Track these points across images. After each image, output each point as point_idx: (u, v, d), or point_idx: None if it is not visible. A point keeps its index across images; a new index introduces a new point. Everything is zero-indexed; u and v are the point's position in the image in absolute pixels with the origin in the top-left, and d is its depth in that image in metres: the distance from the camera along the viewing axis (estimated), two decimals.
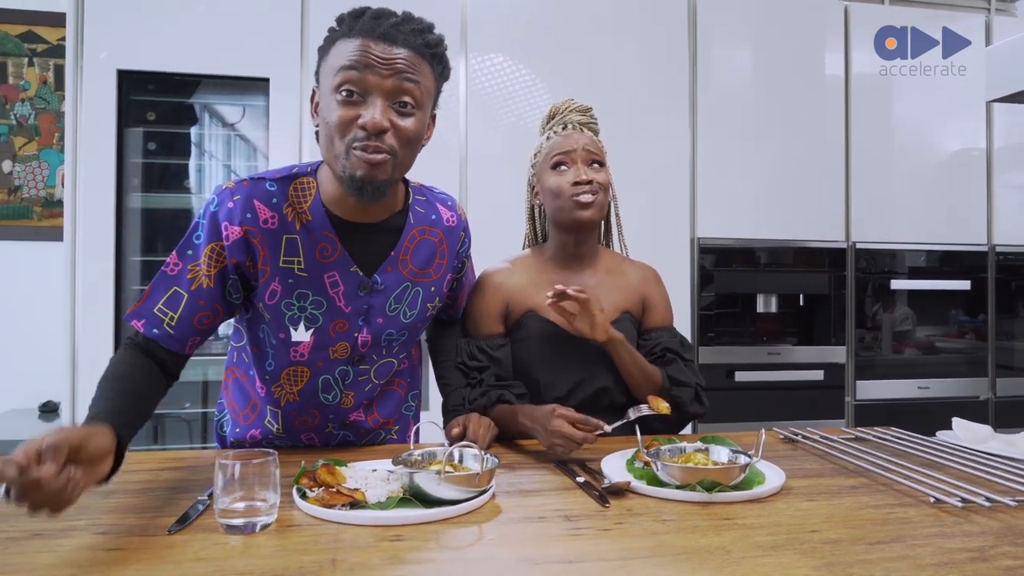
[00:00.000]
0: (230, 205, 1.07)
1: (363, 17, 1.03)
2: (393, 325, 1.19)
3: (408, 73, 1.02)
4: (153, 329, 1.07)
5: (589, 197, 1.36)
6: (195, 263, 1.09)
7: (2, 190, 2.66)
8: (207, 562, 0.73)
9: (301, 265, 1.10)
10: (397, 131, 1.03)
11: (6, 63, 2.67)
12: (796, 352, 2.60)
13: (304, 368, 1.16)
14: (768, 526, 0.86)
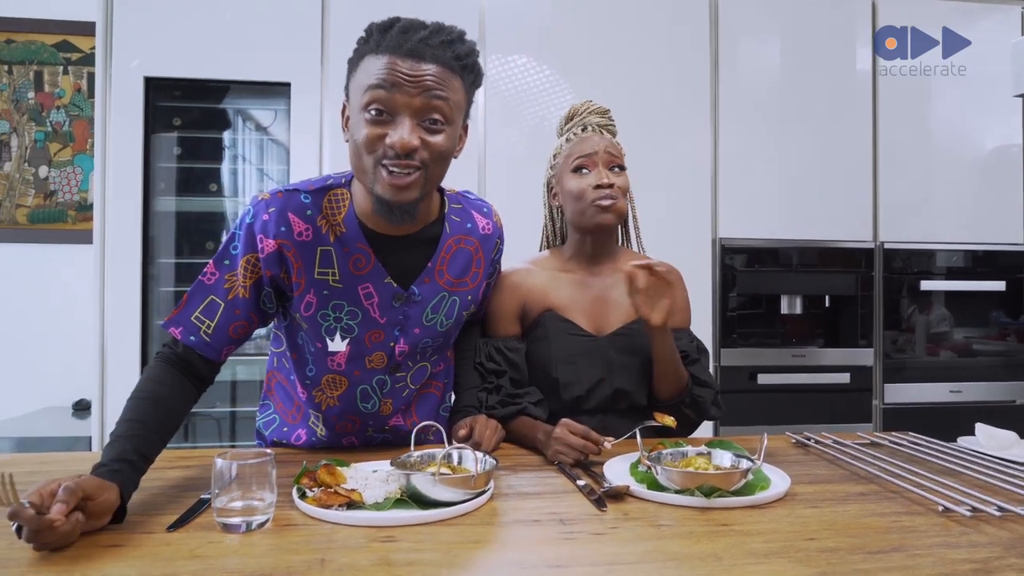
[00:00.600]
0: (265, 218, 1.08)
1: (391, 31, 1.01)
2: (429, 334, 1.20)
3: (436, 90, 1.00)
4: (190, 336, 1.08)
5: (610, 201, 1.36)
6: (232, 273, 1.10)
7: (38, 195, 2.75)
8: (200, 560, 0.75)
9: (336, 277, 1.11)
10: (427, 147, 1.01)
11: (42, 72, 2.76)
12: (821, 354, 2.55)
13: (342, 377, 1.18)
14: (765, 533, 0.84)
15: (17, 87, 2.75)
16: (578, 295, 1.44)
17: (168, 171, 2.34)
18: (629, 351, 1.39)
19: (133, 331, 2.21)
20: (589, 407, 1.38)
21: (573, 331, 1.40)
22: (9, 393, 2.66)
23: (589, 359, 1.38)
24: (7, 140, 2.74)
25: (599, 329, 1.42)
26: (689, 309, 1.52)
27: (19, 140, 2.75)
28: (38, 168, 2.75)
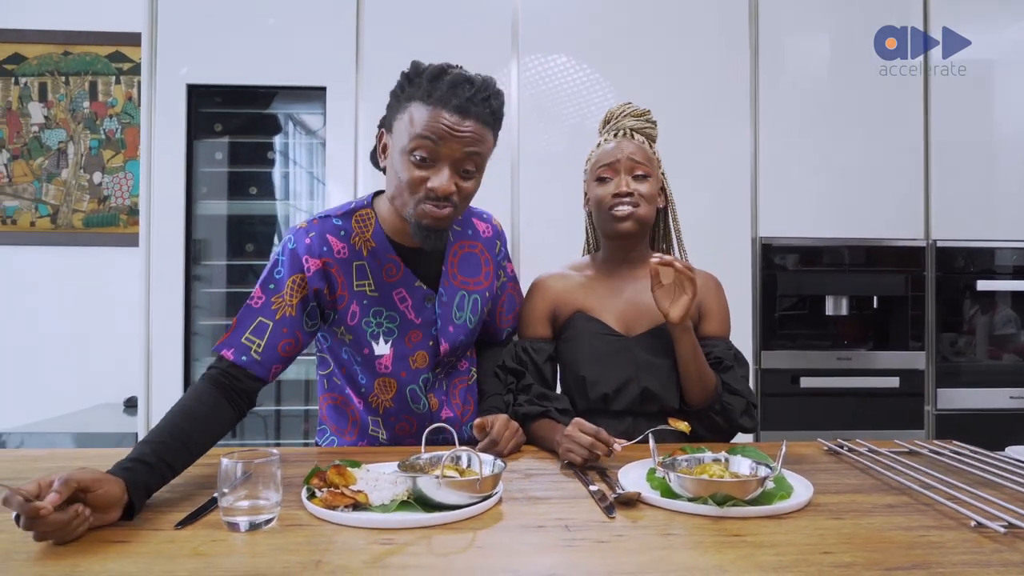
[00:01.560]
0: (307, 241, 1.20)
1: (440, 83, 1.12)
2: (463, 332, 1.32)
3: (474, 146, 1.13)
4: (242, 356, 1.14)
5: (625, 209, 1.36)
6: (279, 295, 1.18)
7: (92, 200, 2.86)
8: (200, 558, 0.76)
9: (372, 286, 1.23)
10: (460, 191, 1.15)
11: (96, 82, 2.88)
12: (869, 357, 2.45)
13: (391, 380, 1.27)
14: (779, 545, 0.80)
15: (73, 97, 2.87)
16: (609, 297, 1.43)
17: (210, 176, 2.40)
18: (659, 352, 1.37)
19: (176, 331, 2.28)
20: (618, 408, 1.37)
21: (602, 331, 1.40)
22: (67, 389, 2.78)
23: (617, 359, 1.37)
24: (64, 148, 2.87)
25: (629, 330, 1.40)
26: (728, 318, 1.48)
27: (75, 148, 2.87)
28: (92, 174, 2.87)
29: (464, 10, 2.37)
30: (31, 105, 2.86)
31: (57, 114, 2.86)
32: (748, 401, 1.39)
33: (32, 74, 2.86)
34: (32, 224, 2.85)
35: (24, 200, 2.85)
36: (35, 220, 2.85)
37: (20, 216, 2.85)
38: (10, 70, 2.85)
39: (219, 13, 2.31)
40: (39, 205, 2.85)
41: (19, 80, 2.85)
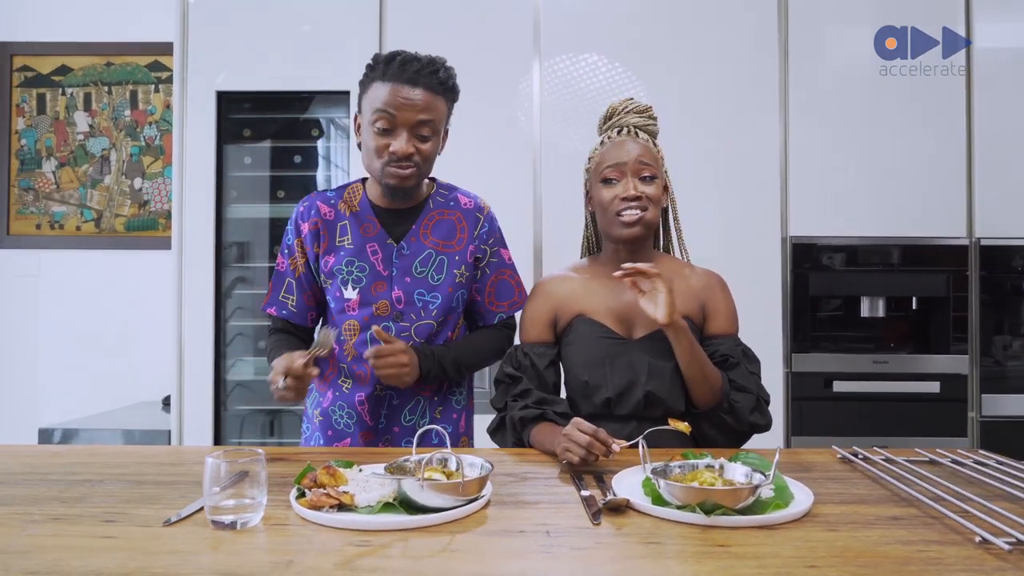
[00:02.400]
0: (301, 209, 1.45)
1: (393, 63, 1.32)
2: (421, 285, 1.42)
3: (426, 113, 1.32)
4: (282, 311, 1.45)
5: (635, 214, 1.34)
6: (292, 257, 1.45)
7: (133, 204, 2.97)
8: (177, 555, 0.77)
9: (350, 241, 1.41)
10: (419, 152, 1.34)
11: (137, 91, 2.98)
12: (908, 361, 2.35)
13: (355, 322, 1.41)
14: (763, 557, 0.77)
15: (115, 106, 2.98)
16: (611, 300, 1.40)
17: (239, 180, 2.46)
18: (662, 355, 1.34)
19: (207, 332, 2.35)
20: (622, 413, 1.34)
21: (604, 334, 1.37)
22: (110, 387, 2.89)
23: (619, 362, 1.34)
24: (107, 155, 2.98)
25: (631, 333, 1.38)
26: (734, 315, 1.43)
27: (117, 155, 2.98)
28: (133, 180, 2.97)
29: (485, 12, 2.37)
30: (76, 114, 2.98)
31: (100, 123, 2.98)
32: (758, 397, 1.35)
33: (77, 85, 2.98)
34: (78, 228, 2.97)
35: (70, 205, 2.97)
36: (80, 224, 2.97)
37: (67, 221, 2.97)
38: (57, 81, 2.98)
39: (247, 22, 2.37)
40: (84, 210, 2.97)
41: (65, 91, 2.98)
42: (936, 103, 2.36)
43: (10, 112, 2.98)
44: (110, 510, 0.93)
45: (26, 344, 2.96)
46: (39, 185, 2.98)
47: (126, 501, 0.97)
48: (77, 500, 0.98)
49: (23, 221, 2.97)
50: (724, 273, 2.24)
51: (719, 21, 2.37)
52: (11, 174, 2.98)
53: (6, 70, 2.97)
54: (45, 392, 2.93)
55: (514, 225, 2.31)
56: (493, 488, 1.02)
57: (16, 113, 2.98)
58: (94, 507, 0.94)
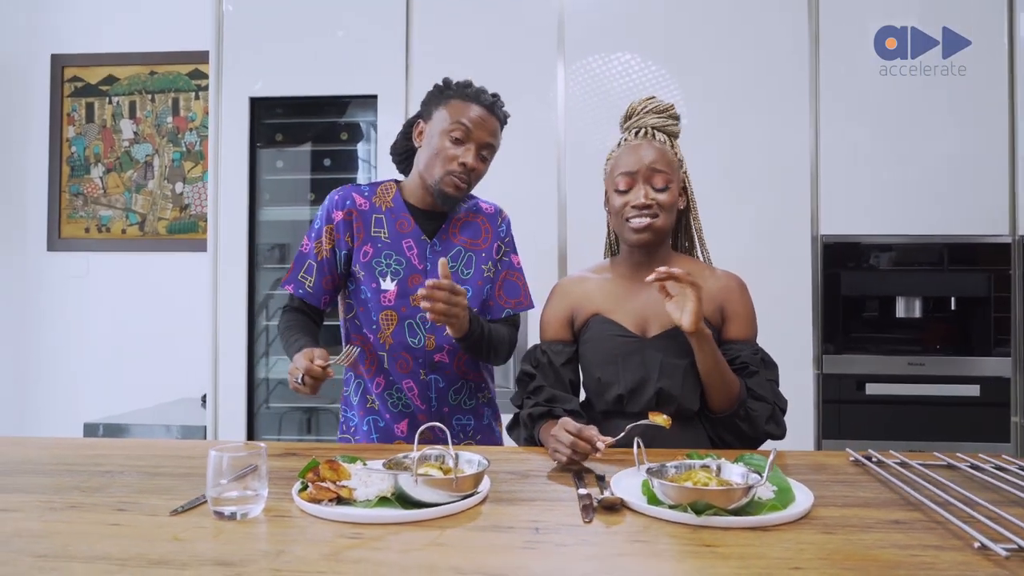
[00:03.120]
0: (336, 198, 1.51)
1: (471, 88, 1.46)
2: (454, 279, 1.47)
3: (493, 137, 1.46)
4: (299, 290, 1.50)
5: (644, 221, 1.35)
6: (318, 241, 1.50)
7: (175, 208, 3.08)
8: (177, 543, 0.81)
9: (386, 234, 1.49)
10: (477, 170, 1.46)
11: (178, 98, 3.09)
12: (946, 363, 2.27)
13: (392, 312, 1.47)
14: (748, 557, 0.77)
15: (158, 113, 3.10)
16: (627, 300, 1.41)
17: (271, 183, 2.53)
18: (676, 353, 1.33)
19: (240, 332, 2.42)
20: (633, 410, 1.34)
21: (618, 332, 1.37)
22: (153, 384, 3.00)
23: (631, 360, 1.34)
24: (151, 161, 3.10)
25: (645, 332, 1.38)
26: (753, 320, 1.42)
27: (160, 160, 3.09)
28: (175, 184, 3.08)
29: (510, 13, 2.39)
30: (122, 122, 3.11)
31: (144, 130, 3.10)
32: (775, 406, 1.34)
33: (123, 93, 3.11)
34: (123, 231, 3.10)
35: (116, 210, 3.10)
36: (126, 228, 3.10)
37: (113, 224, 3.10)
38: (105, 91, 3.11)
39: (278, 31, 2.44)
40: (129, 214, 3.10)
41: (112, 99, 3.11)
42: (976, 99, 2.27)
43: (61, 121, 3.13)
44: (124, 499, 0.97)
45: (75, 342, 3.10)
46: (88, 190, 3.11)
47: (140, 491, 1.02)
48: (95, 490, 1.03)
49: (73, 225, 3.12)
50: (753, 273, 2.22)
51: (748, 18, 2.33)
52: (62, 180, 3.12)
53: (58, 81, 3.12)
54: (91, 388, 3.06)
55: (539, 225, 2.34)
56: (492, 485, 1.03)
57: (67, 122, 3.13)
58: (109, 496, 0.99)
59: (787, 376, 2.24)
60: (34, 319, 3.12)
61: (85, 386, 3.07)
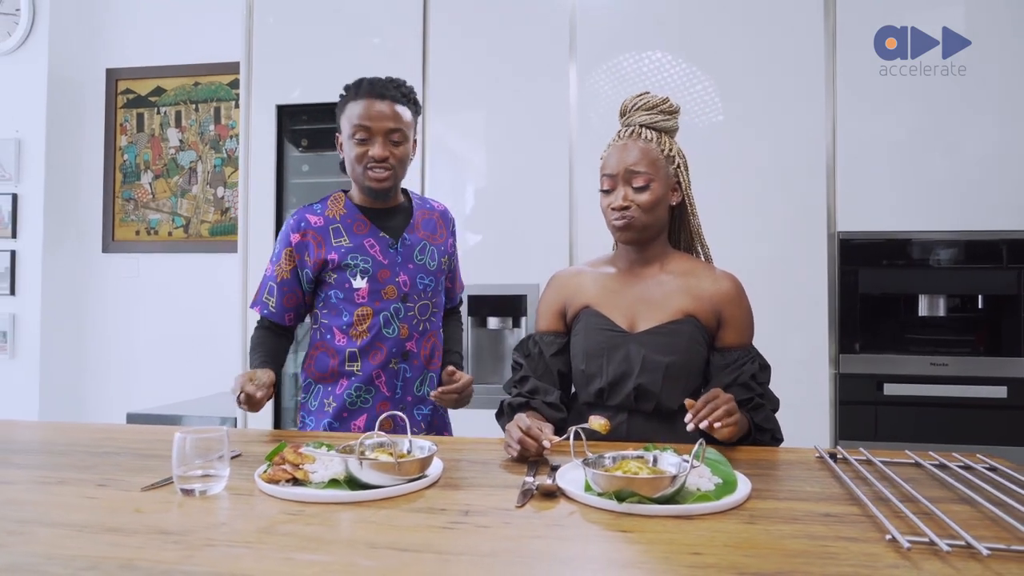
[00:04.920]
0: (291, 222, 1.58)
1: (362, 85, 1.53)
2: (422, 271, 1.59)
3: (394, 121, 1.51)
4: (264, 311, 1.59)
5: (623, 222, 1.37)
6: (278, 264, 1.58)
7: (216, 211, 3.25)
8: (135, 515, 0.89)
9: (346, 240, 1.55)
10: (393, 156, 1.52)
11: (220, 107, 3.26)
12: (971, 363, 2.18)
13: (367, 308, 1.54)
14: (656, 543, 0.79)
15: (202, 122, 3.28)
16: (618, 294, 1.43)
17: (297, 186, 2.65)
18: (659, 350, 1.35)
19: None
20: (612, 403, 1.37)
21: (605, 326, 1.40)
22: (196, 377, 3.18)
23: (615, 354, 1.37)
24: (195, 167, 3.28)
25: (633, 327, 1.39)
26: (750, 325, 1.42)
27: (203, 166, 3.27)
28: (216, 189, 3.26)
29: (522, 13, 2.43)
30: (169, 131, 3.30)
31: (189, 137, 3.28)
32: (772, 435, 1.33)
33: (170, 104, 3.30)
34: (169, 234, 3.29)
35: (164, 213, 3.30)
36: (172, 231, 3.29)
37: (161, 227, 3.30)
38: (153, 101, 3.31)
39: (302, 42, 2.55)
40: (175, 217, 3.29)
41: (160, 110, 3.31)
42: (1004, 91, 2.18)
43: (115, 131, 3.34)
44: (108, 476, 1.07)
45: (126, 337, 3.31)
46: (138, 196, 3.32)
47: (127, 470, 1.11)
48: (88, 468, 1.13)
49: (125, 228, 3.33)
50: (768, 270, 2.21)
51: (762, 13, 2.30)
52: (116, 186, 3.34)
53: (112, 93, 3.34)
54: (141, 381, 3.27)
55: (550, 224, 2.37)
56: (447, 471, 1.08)
57: (120, 132, 3.35)
58: (96, 474, 1.09)
59: (803, 375, 2.24)
60: (91, 316, 3.35)
61: (135, 378, 3.28)
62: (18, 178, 3.18)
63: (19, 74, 3.19)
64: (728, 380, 1.34)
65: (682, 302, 1.38)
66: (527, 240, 2.41)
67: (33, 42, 3.19)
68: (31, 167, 3.18)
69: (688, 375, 1.36)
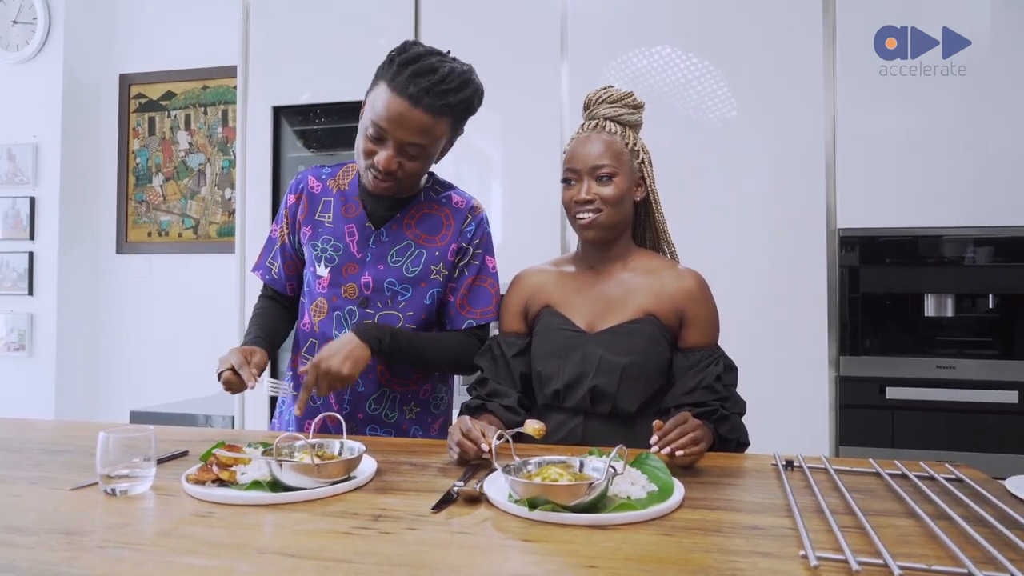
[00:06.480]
0: (293, 181, 1.48)
1: (405, 72, 1.24)
2: (394, 275, 1.40)
3: (419, 137, 1.26)
4: (266, 276, 1.51)
5: (588, 216, 1.33)
6: (281, 225, 1.49)
7: (223, 212, 3.30)
8: (44, 513, 0.89)
9: (329, 218, 1.43)
10: (403, 168, 1.30)
11: (227, 110, 3.31)
12: (980, 367, 2.07)
13: (324, 300, 1.42)
14: (554, 554, 0.76)
15: (210, 125, 3.33)
16: (579, 294, 1.40)
17: None
18: (617, 350, 1.30)
19: None
20: (568, 405, 1.33)
21: (564, 326, 1.36)
22: (203, 376, 3.22)
23: (572, 355, 1.33)
24: (203, 169, 3.34)
25: (592, 327, 1.36)
26: (715, 323, 1.37)
27: (211, 168, 3.32)
28: (224, 190, 3.30)
29: (514, 13, 2.40)
30: (179, 134, 3.36)
31: (198, 140, 3.34)
32: (738, 441, 1.27)
33: (179, 107, 3.36)
34: (179, 235, 3.35)
35: (174, 215, 3.36)
36: (182, 232, 3.35)
37: (171, 228, 3.36)
38: (164, 105, 3.38)
39: (296, 44, 2.56)
40: (185, 219, 3.34)
41: (170, 113, 3.37)
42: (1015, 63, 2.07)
43: (128, 135, 3.42)
44: (47, 475, 1.07)
45: (138, 337, 3.38)
46: (150, 198, 3.39)
47: (71, 469, 1.11)
48: (35, 466, 1.14)
49: (138, 230, 3.40)
50: (765, 268, 2.14)
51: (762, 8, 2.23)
52: (129, 189, 3.41)
53: (125, 98, 3.42)
54: (152, 378, 3.33)
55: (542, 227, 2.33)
56: (380, 474, 1.06)
57: (133, 135, 3.42)
58: (38, 472, 1.09)
59: (801, 378, 2.16)
60: (105, 316, 3.43)
61: (147, 376, 3.35)
62: (35, 181, 3.27)
63: (36, 81, 3.28)
64: (692, 383, 1.29)
65: (642, 301, 1.34)
66: (517, 241, 2.38)
67: (49, 49, 3.28)
68: (47, 171, 3.27)
69: (647, 376, 1.31)
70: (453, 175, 2.47)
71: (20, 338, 3.26)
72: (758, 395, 1.45)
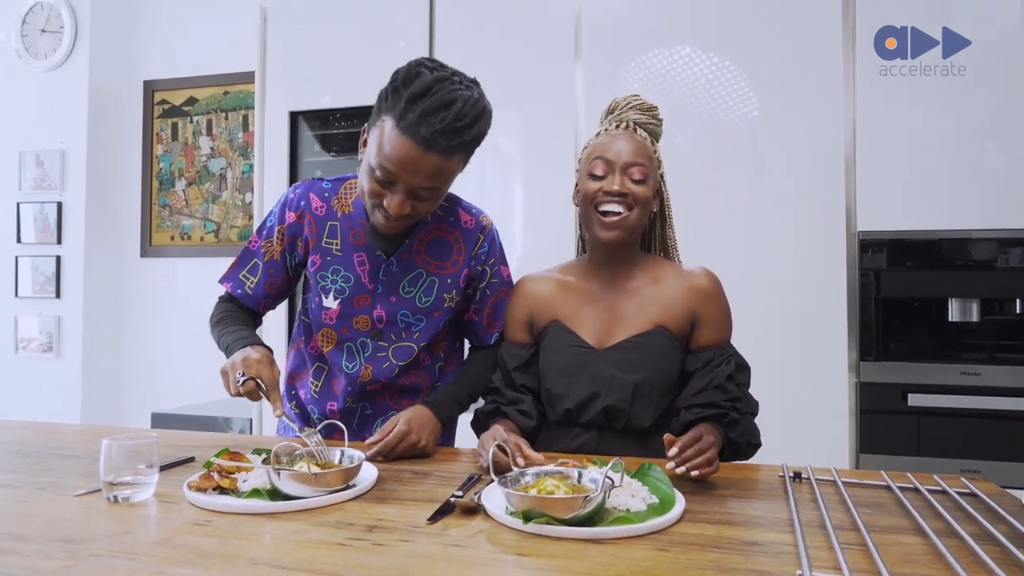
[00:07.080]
0: (292, 196, 1.36)
1: (415, 108, 1.12)
2: (407, 306, 1.34)
3: (432, 181, 1.18)
4: (237, 290, 1.39)
5: (619, 211, 1.26)
6: (269, 240, 1.37)
7: (244, 216, 3.34)
8: (48, 521, 0.90)
9: (338, 246, 1.34)
10: (414, 209, 1.21)
11: (247, 115, 3.35)
12: (1007, 373, 2.01)
13: (333, 332, 1.36)
14: (537, 570, 0.75)
15: (231, 130, 3.37)
16: (587, 306, 1.35)
17: None
18: (628, 367, 1.28)
19: (280, 330, 2.59)
20: (582, 422, 1.31)
21: (573, 343, 1.33)
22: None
23: (583, 373, 1.30)
24: (224, 174, 3.38)
25: (602, 342, 1.32)
26: (728, 323, 1.34)
27: (232, 173, 3.37)
28: (245, 194, 3.34)
29: (528, 16, 2.39)
30: (201, 139, 3.41)
31: (219, 145, 3.38)
32: (748, 443, 1.25)
33: (202, 113, 3.41)
34: (201, 239, 3.40)
35: (196, 219, 3.41)
36: (204, 235, 3.39)
37: (193, 232, 3.41)
38: (187, 111, 3.43)
39: (313, 50, 2.58)
40: (206, 222, 3.39)
41: (193, 119, 3.42)
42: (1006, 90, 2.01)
43: (152, 140, 3.48)
44: (53, 481, 1.09)
45: (163, 339, 3.44)
46: (173, 202, 3.44)
47: (80, 475, 1.13)
48: (42, 471, 1.15)
49: (161, 234, 3.46)
50: (783, 271, 2.10)
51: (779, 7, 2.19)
52: (152, 194, 3.47)
53: (149, 104, 3.48)
54: (176, 380, 3.38)
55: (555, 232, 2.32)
56: (381, 483, 1.06)
57: (156, 141, 3.48)
58: (46, 477, 1.11)
59: (820, 383, 2.11)
60: (130, 318, 3.49)
61: (171, 378, 3.40)
62: (62, 187, 3.34)
63: (63, 88, 3.35)
64: (703, 383, 1.26)
65: (651, 312, 1.31)
66: (534, 240, 2.37)
67: (76, 57, 3.35)
68: (74, 176, 3.34)
69: (660, 391, 1.28)
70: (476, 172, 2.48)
71: (49, 340, 3.34)
72: (776, 400, 1.42)
